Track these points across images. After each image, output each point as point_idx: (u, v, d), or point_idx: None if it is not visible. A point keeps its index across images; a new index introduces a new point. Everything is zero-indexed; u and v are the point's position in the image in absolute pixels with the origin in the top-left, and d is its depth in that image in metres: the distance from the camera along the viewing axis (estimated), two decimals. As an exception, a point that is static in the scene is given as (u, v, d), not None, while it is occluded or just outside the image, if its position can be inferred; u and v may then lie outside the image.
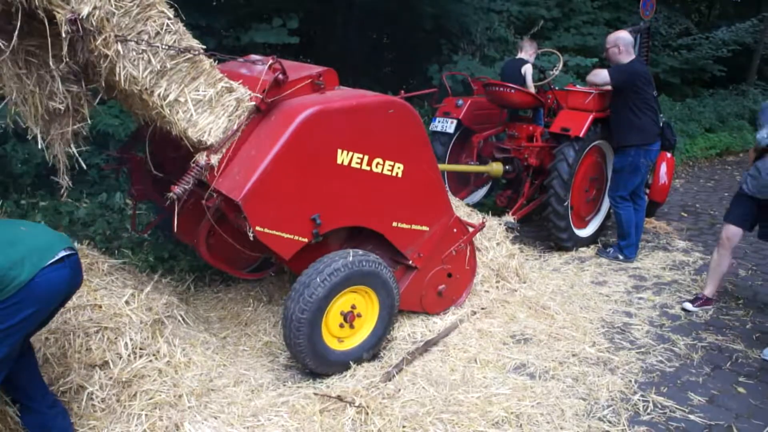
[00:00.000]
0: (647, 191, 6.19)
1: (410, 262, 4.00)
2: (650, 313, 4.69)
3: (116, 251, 4.87)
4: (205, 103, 3.26)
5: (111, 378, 3.04)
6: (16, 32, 2.87)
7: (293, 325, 3.39)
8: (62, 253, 2.47)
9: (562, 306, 4.68)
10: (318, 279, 3.40)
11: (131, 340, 3.18)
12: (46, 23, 2.90)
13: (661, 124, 5.72)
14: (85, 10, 2.80)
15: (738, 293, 5.11)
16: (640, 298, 4.97)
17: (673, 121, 11.02)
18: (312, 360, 3.50)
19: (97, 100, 3.38)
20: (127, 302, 3.36)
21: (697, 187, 9.19)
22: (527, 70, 6.31)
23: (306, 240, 3.43)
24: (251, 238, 3.26)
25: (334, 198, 3.48)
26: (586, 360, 3.93)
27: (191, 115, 3.22)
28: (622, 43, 5.51)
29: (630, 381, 3.71)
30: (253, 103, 3.39)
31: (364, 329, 3.75)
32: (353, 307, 3.64)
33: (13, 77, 3.09)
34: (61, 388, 2.95)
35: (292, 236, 3.37)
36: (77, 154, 3.39)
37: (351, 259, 3.51)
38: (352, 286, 3.57)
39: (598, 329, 4.36)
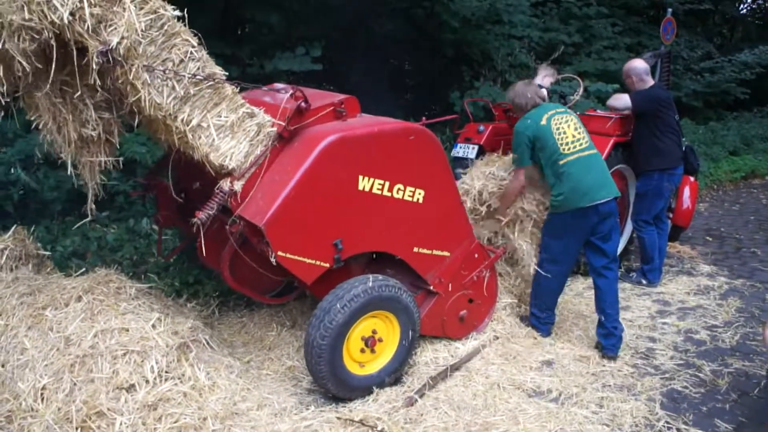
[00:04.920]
0: (670, 215, 6.15)
1: (431, 287, 4.02)
2: (675, 338, 4.64)
3: (143, 276, 4.95)
4: (227, 128, 3.33)
5: (137, 401, 3.08)
6: (53, 65, 2.99)
7: (314, 350, 3.42)
8: None
9: (585, 331, 4.65)
10: (338, 305, 3.43)
11: (157, 363, 3.22)
12: (76, 54, 3.02)
13: (683, 148, 5.71)
14: (114, 41, 2.90)
15: (765, 318, 5.03)
16: (664, 323, 4.92)
17: (696, 144, 10.91)
18: (333, 385, 3.51)
19: (135, 126, 3.48)
20: (153, 326, 3.40)
21: (722, 211, 9.09)
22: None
23: (328, 265, 3.47)
24: (274, 263, 3.31)
25: (356, 223, 3.53)
26: (609, 385, 3.90)
27: (213, 140, 3.30)
28: (634, 73, 5.56)
29: (654, 407, 3.66)
30: (275, 129, 3.46)
31: (386, 354, 3.76)
32: (374, 332, 3.66)
33: (49, 107, 3.21)
34: (88, 412, 3.00)
35: (314, 261, 3.42)
36: (106, 182, 3.49)
37: (371, 284, 3.54)
38: (372, 311, 3.59)
39: (621, 354, 4.32)
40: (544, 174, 4.38)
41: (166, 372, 3.24)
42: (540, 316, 4.53)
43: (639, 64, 5.66)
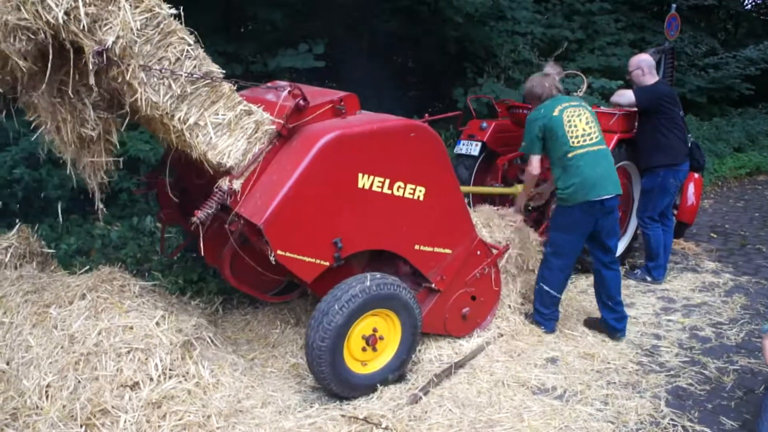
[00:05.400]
0: (675, 212, 6.13)
1: (433, 284, 4.01)
2: (679, 335, 4.63)
3: (147, 273, 4.96)
4: (225, 126, 3.32)
5: (141, 399, 3.08)
6: (49, 66, 2.98)
7: (314, 353, 3.41)
8: None
9: (589, 328, 4.64)
10: (336, 306, 3.41)
11: (161, 361, 3.22)
12: (73, 54, 3.01)
13: (689, 145, 5.69)
14: (109, 40, 2.90)
15: (770, 315, 5.03)
16: (669, 321, 4.90)
17: (700, 141, 10.89)
18: (336, 385, 3.51)
19: (124, 125, 3.48)
20: (157, 324, 3.40)
21: (727, 208, 9.07)
22: None
23: (327, 263, 3.46)
24: (273, 262, 3.30)
25: (356, 222, 3.51)
26: (614, 383, 3.89)
27: (210, 138, 3.29)
28: (646, 65, 5.54)
29: (659, 404, 3.66)
30: (274, 127, 3.45)
31: (388, 352, 3.75)
32: (375, 330, 3.65)
33: (48, 107, 3.20)
34: (93, 410, 3.01)
35: (313, 260, 3.41)
36: (109, 181, 3.49)
37: (368, 283, 3.51)
38: (371, 310, 3.58)
39: (626, 351, 4.31)
40: (551, 166, 4.45)
41: (170, 370, 3.24)
42: (545, 312, 4.54)
43: (649, 57, 5.65)
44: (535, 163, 4.51)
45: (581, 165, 4.22)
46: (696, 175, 6.23)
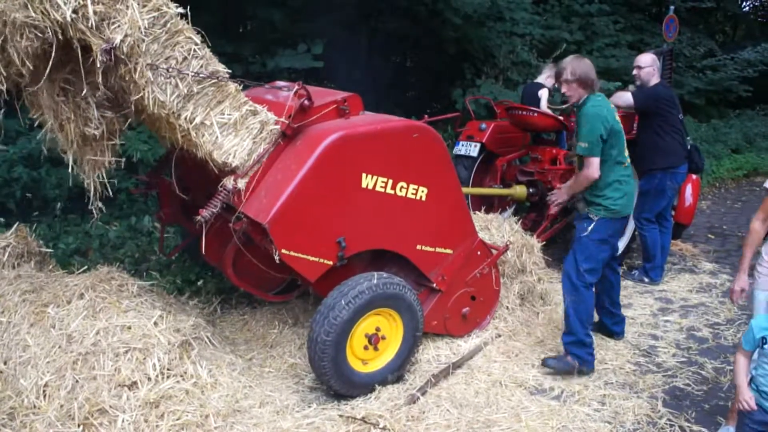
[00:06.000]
0: (673, 213, 6.14)
1: (434, 284, 4.02)
2: (677, 335, 4.64)
3: (145, 273, 4.96)
4: (230, 125, 3.33)
5: (139, 399, 3.08)
6: (50, 62, 2.97)
7: (318, 347, 3.42)
8: None
9: (587, 329, 4.65)
10: (343, 301, 3.43)
11: (159, 360, 3.22)
12: (80, 53, 3.01)
13: (688, 147, 5.70)
14: (117, 38, 2.90)
15: None
16: (666, 321, 4.91)
17: (698, 142, 10.92)
18: (336, 382, 3.51)
19: (126, 125, 3.48)
20: (155, 323, 3.40)
21: (724, 209, 9.08)
22: (543, 94, 6.36)
23: (331, 263, 3.47)
24: (277, 261, 3.31)
25: (359, 221, 3.53)
26: (611, 383, 3.89)
27: (216, 137, 3.29)
28: (657, 64, 5.57)
29: (656, 405, 3.66)
30: (278, 126, 3.45)
31: (389, 351, 3.76)
32: (378, 329, 3.66)
33: (52, 105, 3.20)
34: (90, 409, 3.00)
35: (317, 259, 3.42)
36: (108, 180, 3.49)
37: (375, 281, 3.54)
38: (376, 308, 3.59)
39: (623, 352, 4.32)
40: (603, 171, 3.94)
41: (168, 369, 3.24)
42: (587, 341, 3.99)
43: (655, 57, 5.68)
44: (596, 166, 3.88)
45: (630, 174, 4.08)
46: (693, 177, 6.25)
